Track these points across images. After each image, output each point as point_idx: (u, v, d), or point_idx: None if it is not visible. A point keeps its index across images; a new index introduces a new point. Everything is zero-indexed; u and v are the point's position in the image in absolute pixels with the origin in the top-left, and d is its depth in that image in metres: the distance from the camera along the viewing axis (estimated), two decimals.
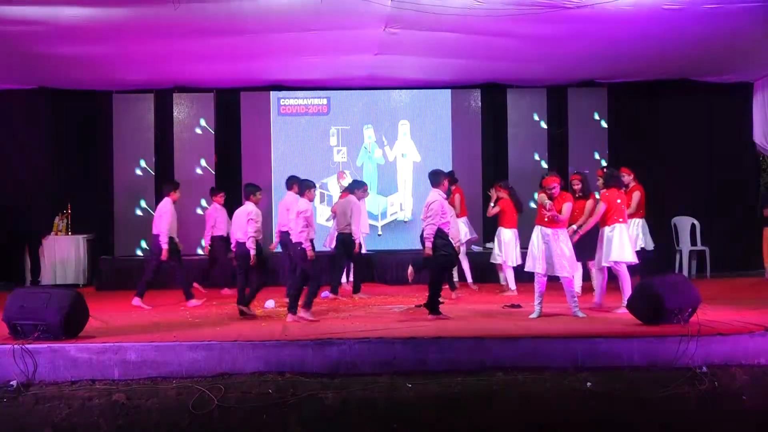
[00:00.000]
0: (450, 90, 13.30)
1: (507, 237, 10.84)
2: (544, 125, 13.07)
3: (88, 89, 12.85)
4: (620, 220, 9.18)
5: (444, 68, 12.19)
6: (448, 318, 8.81)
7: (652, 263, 10.63)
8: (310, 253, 8.91)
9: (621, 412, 6.50)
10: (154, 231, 10.52)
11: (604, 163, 12.97)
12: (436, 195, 8.80)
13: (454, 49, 10.91)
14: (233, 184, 13.13)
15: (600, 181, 9.46)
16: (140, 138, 12.80)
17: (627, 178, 10.77)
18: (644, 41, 10.41)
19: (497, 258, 11.01)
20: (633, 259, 9.15)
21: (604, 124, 13.09)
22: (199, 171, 12.84)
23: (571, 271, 8.87)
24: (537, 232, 8.86)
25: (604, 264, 9.17)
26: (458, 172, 12.19)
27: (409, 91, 13.33)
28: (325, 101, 13.17)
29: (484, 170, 13.10)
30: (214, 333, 8.11)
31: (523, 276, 10.01)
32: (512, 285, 11.01)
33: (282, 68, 12.20)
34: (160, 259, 10.40)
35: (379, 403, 6.71)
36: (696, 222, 12.75)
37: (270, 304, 10.20)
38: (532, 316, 8.91)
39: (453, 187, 11.32)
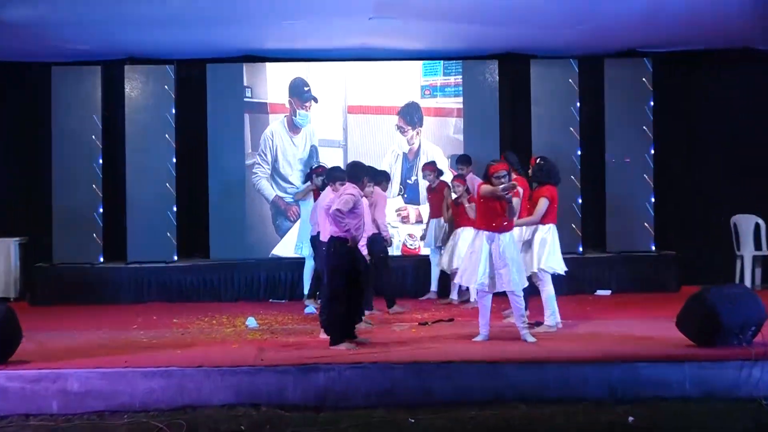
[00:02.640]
0: (461, 62, 13.29)
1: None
2: (575, 103, 13.05)
3: (20, 61, 12.80)
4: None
5: (454, 35, 12.17)
6: (365, 343, 8.64)
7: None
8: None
9: None
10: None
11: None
12: (350, 188, 8.76)
13: (466, 11, 10.89)
14: (198, 172, 13.12)
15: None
16: (85, 119, 12.75)
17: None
18: (697, 1, 10.40)
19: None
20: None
21: (648, 102, 13.07)
22: (156, 158, 12.79)
23: (521, 283, 8.86)
24: (482, 239, 8.82)
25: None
26: (472, 160, 12.18)
27: (411, 63, 13.34)
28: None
29: (503, 157, 13.05)
30: (174, 357, 8.10)
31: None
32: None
33: (257, 35, 12.17)
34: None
35: None
36: (761, 221, 12.75)
37: (251, 322, 10.23)
38: (476, 339, 8.91)
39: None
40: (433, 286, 12.17)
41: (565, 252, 10.05)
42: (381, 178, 11.12)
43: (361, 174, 9.01)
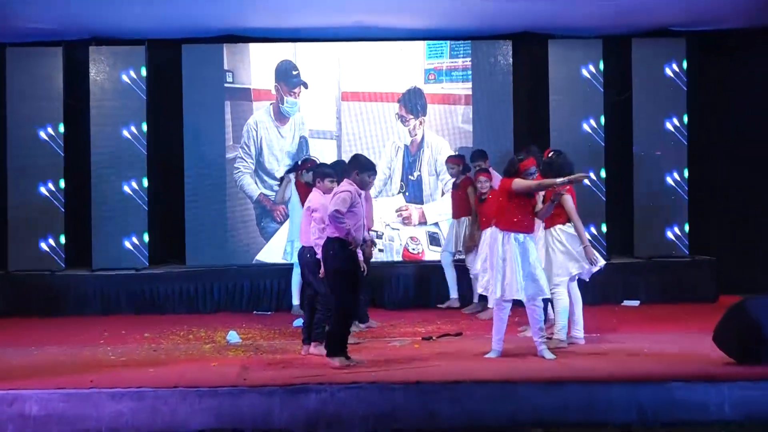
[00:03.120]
0: (471, 42, 13.31)
1: None
2: (600, 88, 13.06)
3: None
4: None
5: (462, 11, 12.17)
6: (358, 364, 8.61)
7: None
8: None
9: None
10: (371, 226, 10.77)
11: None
12: (346, 185, 8.78)
13: None
14: (172, 167, 13.14)
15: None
16: (44, 108, 12.74)
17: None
18: None
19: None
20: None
21: (682, 87, 13.07)
22: (125, 151, 12.77)
23: (543, 290, 8.96)
24: (514, 243, 8.85)
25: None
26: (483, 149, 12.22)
27: (413, 43, 13.38)
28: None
29: (518, 149, 13.05)
30: (146, 376, 8.11)
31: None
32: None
33: (239, 11, 12.17)
34: None
35: None
36: None
37: (233, 336, 10.25)
38: (488, 355, 8.96)
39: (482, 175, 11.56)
40: (453, 293, 12.14)
41: None
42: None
43: (354, 168, 8.96)
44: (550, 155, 9.77)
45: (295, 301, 11.88)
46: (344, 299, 8.67)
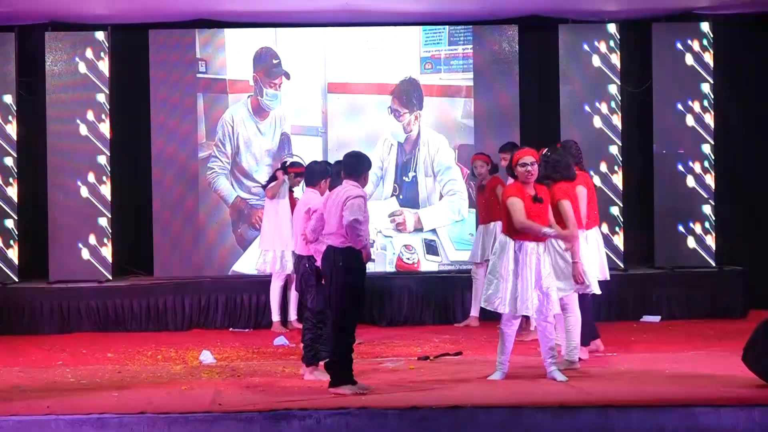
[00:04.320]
0: (471, 27, 13.34)
1: None
2: (616, 78, 13.10)
3: None
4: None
5: None
6: (366, 390, 8.48)
7: None
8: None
9: None
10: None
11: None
12: (355, 188, 8.62)
13: None
14: (138, 168, 13.15)
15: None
16: None
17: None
18: None
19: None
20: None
21: (707, 78, 13.11)
22: (85, 149, 12.78)
23: (555, 306, 8.94)
24: (526, 252, 8.81)
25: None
26: (485, 147, 12.21)
27: (408, 29, 13.41)
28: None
29: (524, 144, 13.08)
30: (110, 401, 8.10)
31: None
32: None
33: None
34: None
35: None
36: None
37: (207, 356, 10.26)
38: (492, 377, 8.95)
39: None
40: (474, 311, 12.09)
41: None
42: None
43: (367, 168, 8.85)
44: (545, 152, 9.59)
45: (275, 317, 11.88)
46: (348, 317, 8.57)
